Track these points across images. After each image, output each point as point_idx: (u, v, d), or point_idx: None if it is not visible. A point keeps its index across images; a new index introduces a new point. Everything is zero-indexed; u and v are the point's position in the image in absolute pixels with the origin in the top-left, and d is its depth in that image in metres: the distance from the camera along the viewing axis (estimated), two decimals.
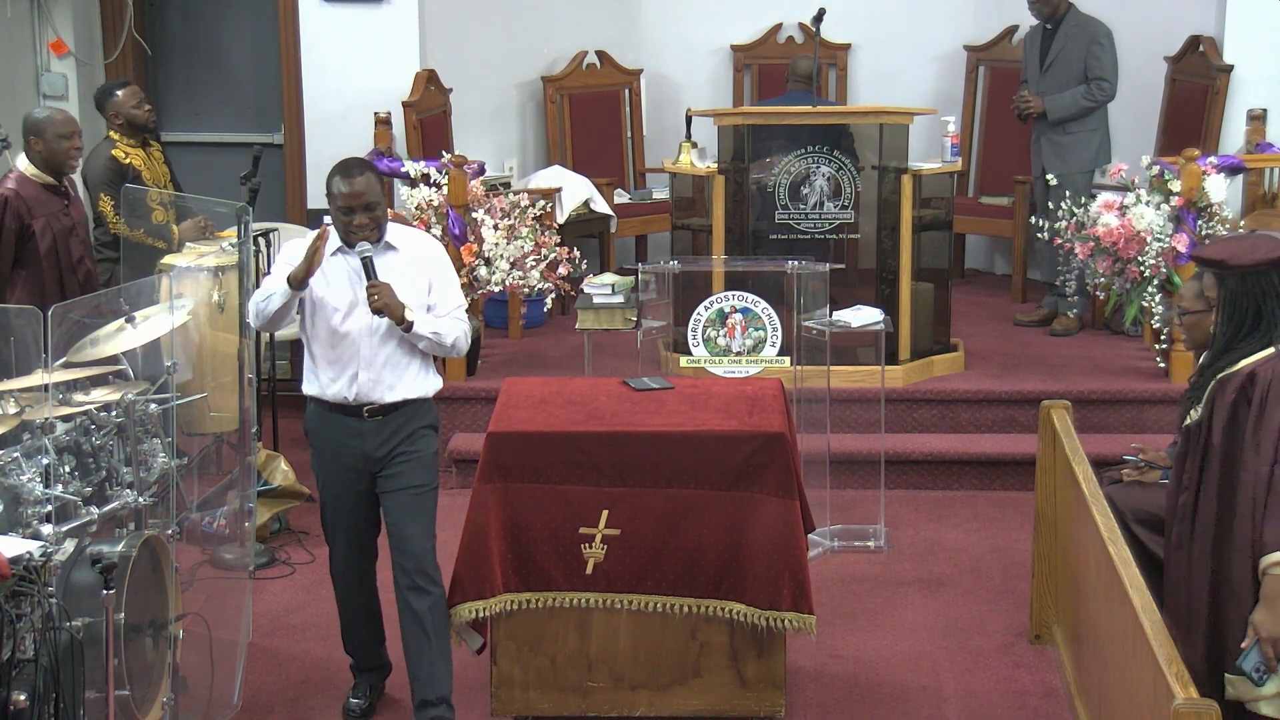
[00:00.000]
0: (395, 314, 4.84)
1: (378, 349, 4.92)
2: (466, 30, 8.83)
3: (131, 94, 7.05)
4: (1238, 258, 4.42)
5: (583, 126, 9.36)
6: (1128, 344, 7.94)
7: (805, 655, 5.59)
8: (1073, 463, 5.20)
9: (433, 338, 4.92)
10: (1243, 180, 7.76)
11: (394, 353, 4.93)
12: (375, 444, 4.97)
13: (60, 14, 8.48)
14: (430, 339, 4.92)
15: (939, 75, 9.57)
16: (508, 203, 7.67)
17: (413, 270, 4.95)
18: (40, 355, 4.79)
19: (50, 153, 6.37)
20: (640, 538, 5.01)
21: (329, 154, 8.31)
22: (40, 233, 6.32)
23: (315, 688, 5.48)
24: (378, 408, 4.95)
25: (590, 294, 6.79)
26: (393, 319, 4.85)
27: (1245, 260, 4.41)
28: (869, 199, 7.38)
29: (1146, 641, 3.99)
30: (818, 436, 6.54)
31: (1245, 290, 4.41)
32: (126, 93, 7.05)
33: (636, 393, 5.34)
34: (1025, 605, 5.82)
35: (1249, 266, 4.40)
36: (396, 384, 4.95)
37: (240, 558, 5.90)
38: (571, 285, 7.55)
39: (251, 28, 8.94)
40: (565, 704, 5.12)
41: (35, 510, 4.55)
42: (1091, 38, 8.00)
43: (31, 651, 4.28)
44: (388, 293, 4.83)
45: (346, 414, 4.97)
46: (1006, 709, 5.31)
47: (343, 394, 4.94)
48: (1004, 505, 7.01)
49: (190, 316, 5.69)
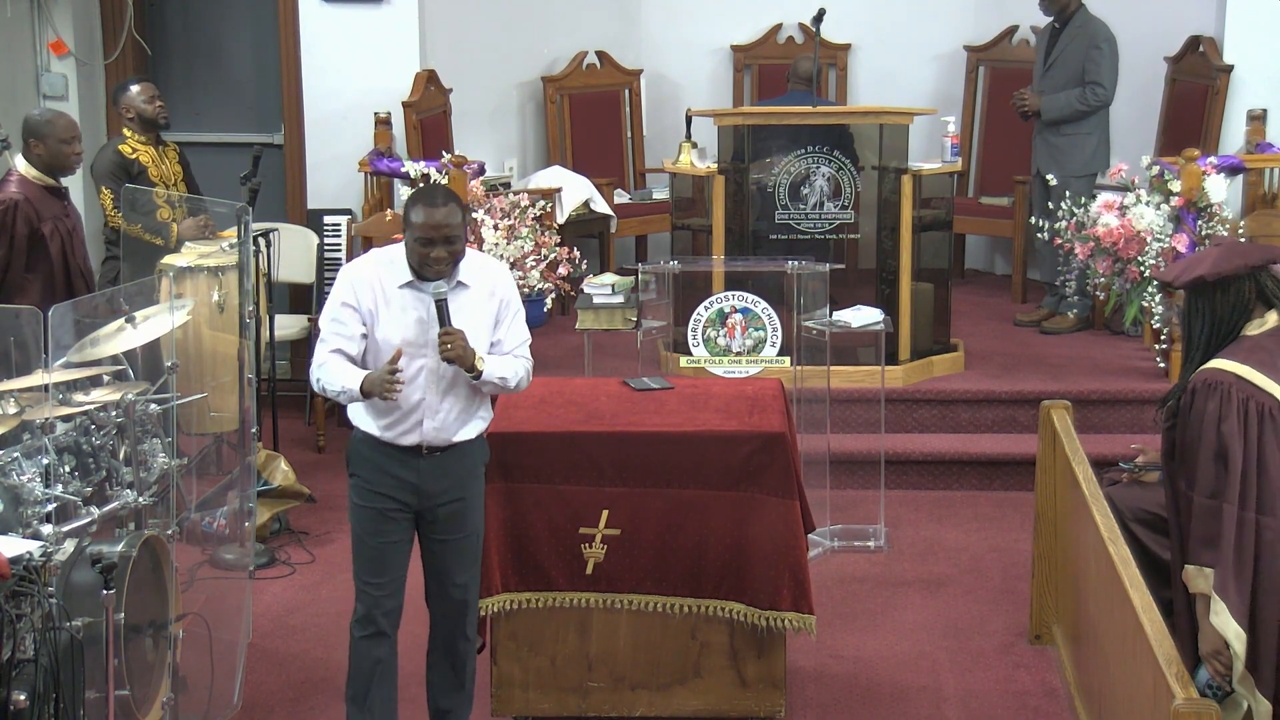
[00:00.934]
0: (467, 364, 4.50)
1: (445, 395, 4.59)
2: (466, 30, 8.83)
3: (144, 89, 7.09)
4: (1179, 277, 4.56)
5: (583, 126, 9.36)
6: (1128, 344, 7.94)
7: (805, 655, 5.59)
8: (1073, 463, 5.20)
9: (499, 383, 4.60)
10: (1243, 180, 7.76)
11: (460, 397, 4.61)
12: (429, 482, 4.62)
13: (60, 14, 8.48)
14: (495, 384, 4.60)
15: (939, 75, 9.57)
16: (508, 203, 7.67)
17: (484, 307, 4.61)
18: (40, 355, 4.79)
19: (52, 156, 6.37)
20: (640, 538, 5.01)
21: (329, 154, 8.39)
22: (49, 236, 6.33)
23: (315, 688, 5.48)
24: (434, 447, 4.63)
25: (590, 294, 6.79)
26: (463, 368, 4.51)
27: (1178, 282, 4.54)
28: (869, 199, 7.38)
29: (1146, 641, 3.99)
30: (818, 436, 6.54)
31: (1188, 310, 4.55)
32: (140, 88, 7.09)
33: (636, 393, 5.34)
34: (1025, 605, 5.83)
35: (1187, 285, 4.51)
36: (462, 428, 4.64)
37: (240, 558, 5.91)
38: (571, 285, 7.55)
39: (251, 28, 8.94)
40: (565, 704, 5.12)
41: (35, 510, 4.55)
42: (1091, 41, 7.98)
43: (31, 651, 4.28)
44: (462, 341, 4.47)
45: (403, 449, 4.62)
46: (1006, 709, 5.31)
47: (405, 441, 4.60)
48: (1004, 505, 7.01)
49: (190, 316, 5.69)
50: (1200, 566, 4.28)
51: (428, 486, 4.63)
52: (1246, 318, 4.45)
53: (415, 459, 4.61)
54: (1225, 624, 4.22)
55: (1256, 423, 4.26)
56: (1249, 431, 4.26)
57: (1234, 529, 4.22)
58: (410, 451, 4.60)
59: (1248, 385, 4.30)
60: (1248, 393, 4.28)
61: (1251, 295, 4.46)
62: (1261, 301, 4.47)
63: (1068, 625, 5.45)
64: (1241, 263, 4.45)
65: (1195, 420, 4.32)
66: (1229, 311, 4.46)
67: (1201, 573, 4.28)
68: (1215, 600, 4.23)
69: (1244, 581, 4.23)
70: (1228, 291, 4.45)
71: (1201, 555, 4.28)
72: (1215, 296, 4.46)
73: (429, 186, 4.63)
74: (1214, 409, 4.28)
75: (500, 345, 4.63)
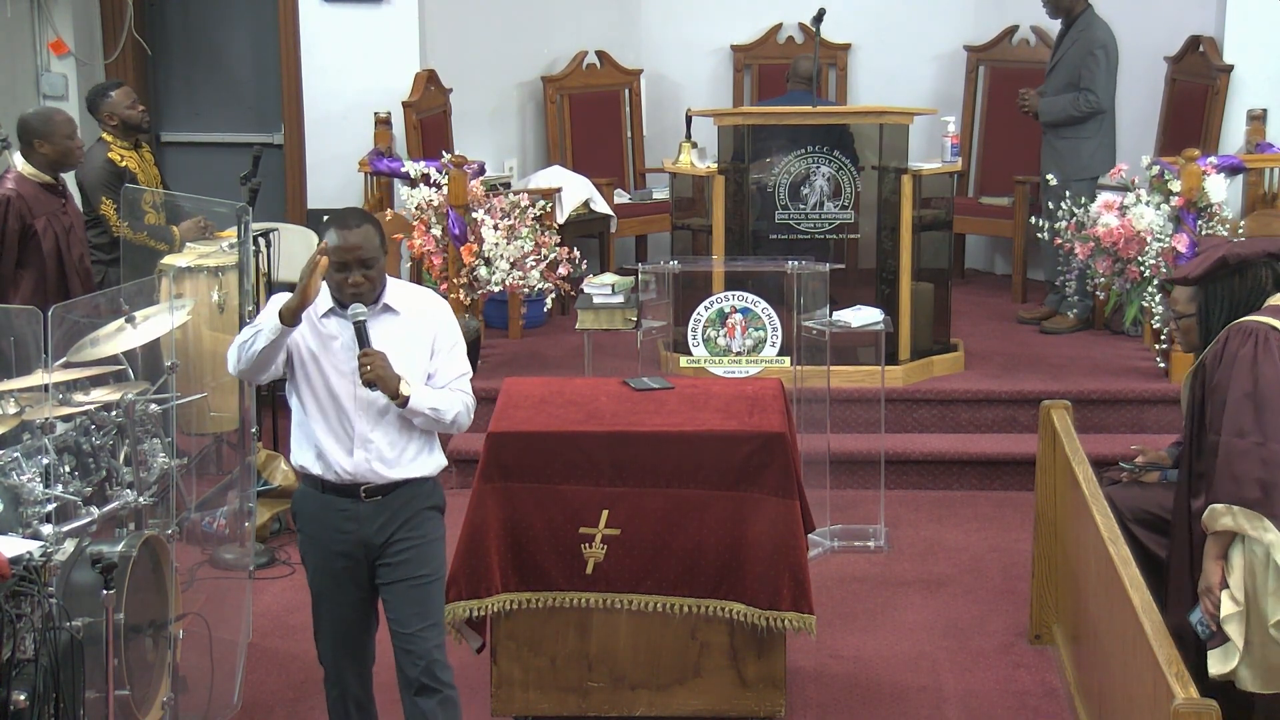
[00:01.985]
0: (390, 388, 4.29)
1: (375, 423, 4.38)
2: (466, 30, 8.83)
3: (125, 94, 7.04)
4: (1196, 268, 4.60)
5: (583, 126, 9.36)
6: (1128, 344, 7.94)
7: (805, 655, 5.59)
8: (1073, 463, 5.20)
9: (430, 414, 4.36)
10: (1243, 180, 7.76)
11: (393, 427, 4.39)
12: (373, 529, 4.41)
13: (60, 14, 8.48)
14: (427, 415, 4.36)
15: (939, 75, 9.57)
16: (508, 203, 7.67)
17: (414, 335, 4.40)
18: (40, 355, 4.79)
19: (60, 154, 6.35)
20: (640, 538, 5.00)
21: (329, 154, 8.40)
22: (42, 232, 6.32)
23: (315, 688, 5.46)
24: (375, 487, 4.40)
25: (590, 294, 6.79)
26: (386, 393, 4.30)
27: (1197, 272, 4.58)
28: (869, 199, 7.38)
29: (1146, 641, 3.99)
30: (818, 436, 6.54)
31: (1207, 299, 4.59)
32: (120, 93, 7.03)
33: (636, 393, 5.34)
34: (1025, 605, 5.83)
35: (1201, 277, 4.56)
36: (397, 461, 4.41)
37: (240, 558, 5.91)
38: (571, 285, 7.55)
39: (251, 28, 8.94)
40: (565, 704, 5.12)
41: (35, 510, 4.55)
42: (1088, 46, 7.95)
43: (31, 651, 4.28)
44: (381, 364, 4.27)
45: (341, 494, 4.41)
46: (1006, 709, 5.31)
47: (337, 471, 4.39)
48: (1004, 505, 7.01)
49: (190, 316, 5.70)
50: (1230, 505, 4.27)
51: (369, 533, 4.41)
52: (1263, 301, 4.48)
53: (355, 504, 4.41)
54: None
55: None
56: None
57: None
58: (348, 495, 4.40)
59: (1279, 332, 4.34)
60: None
61: (1268, 280, 4.50)
62: (1277, 286, 4.49)
63: (1068, 625, 5.45)
64: (1261, 249, 4.49)
65: (1227, 363, 4.34)
66: (1247, 295, 4.50)
67: (1230, 511, 4.27)
68: None
69: None
70: (1245, 276, 4.50)
71: (1233, 493, 4.26)
72: (1234, 282, 4.50)
73: (344, 209, 4.45)
74: (1249, 352, 4.32)
75: (435, 378, 4.42)
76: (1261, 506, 4.24)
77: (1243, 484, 4.25)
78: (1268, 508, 4.25)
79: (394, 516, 4.42)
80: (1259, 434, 4.26)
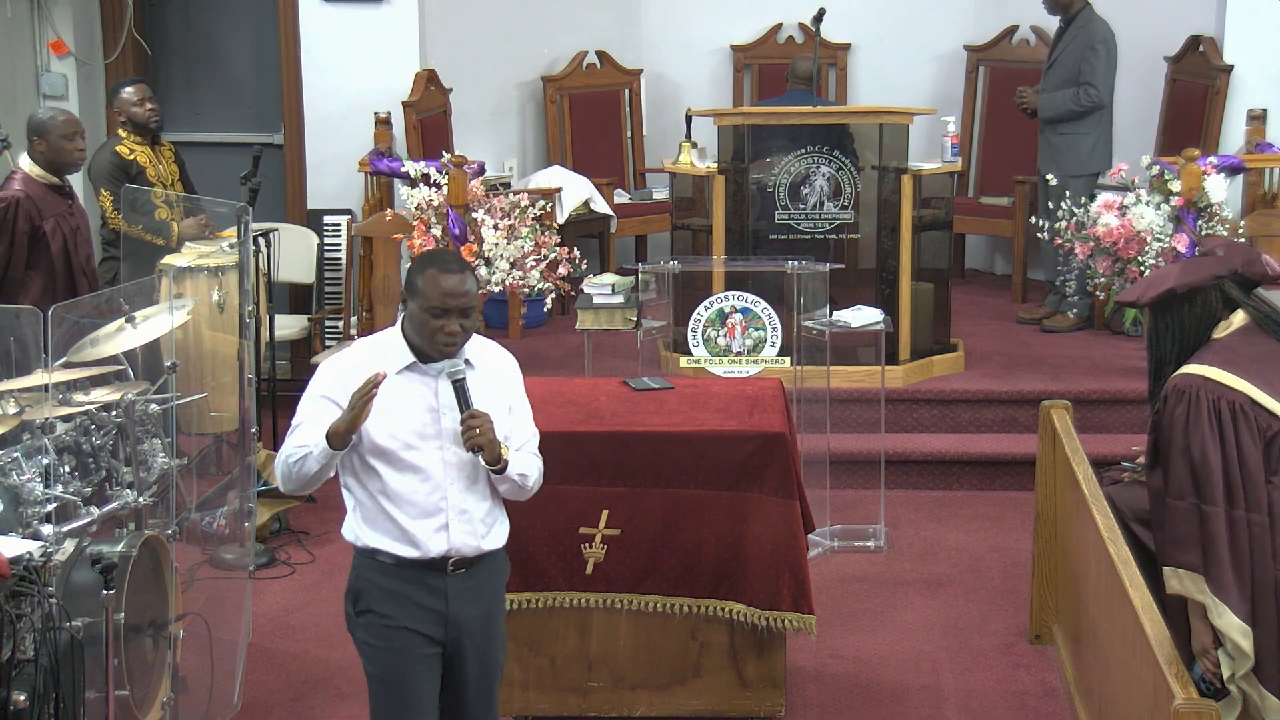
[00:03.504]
0: (494, 452, 3.86)
1: (467, 490, 3.93)
2: (466, 30, 8.83)
3: (136, 92, 7.09)
4: (1144, 295, 4.56)
5: (583, 126, 9.36)
6: (1128, 344, 7.93)
7: (805, 655, 5.59)
8: (1073, 463, 5.20)
9: (518, 480, 3.96)
10: (1243, 180, 7.75)
11: (483, 494, 3.97)
12: (460, 606, 3.95)
13: (60, 14, 8.48)
14: (515, 481, 3.96)
15: (939, 75, 9.57)
16: (508, 203, 7.66)
17: (492, 393, 3.96)
18: (40, 355, 4.79)
19: (54, 153, 6.38)
20: (640, 538, 5.01)
21: (329, 154, 8.39)
22: (51, 234, 6.33)
23: (315, 688, 5.48)
24: (463, 559, 3.95)
25: (590, 294, 6.79)
26: (488, 459, 3.86)
27: (1146, 299, 4.54)
28: (869, 199, 7.39)
29: (1146, 641, 3.99)
30: (818, 436, 6.54)
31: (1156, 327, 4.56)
32: (131, 90, 7.09)
33: (636, 393, 5.34)
34: (1025, 605, 5.83)
35: (1149, 304, 4.53)
36: (488, 532, 4.00)
37: (240, 558, 5.91)
38: (571, 285, 7.55)
39: (251, 28, 8.94)
40: (565, 704, 5.12)
41: (35, 510, 4.55)
42: (1088, 42, 7.98)
43: (31, 651, 4.28)
44: (489, 426, 3.83)
45: (425, 569, 3.92)
46: (1006, 709, 5.31)
47: (424, 548, 3.90)
48: (1004, 505, 7.01)
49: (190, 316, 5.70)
50: (1175, 568, 4.29)
51: (458, 613, 3.96)
52: (1214, 326, 4.46)
53: (440, 578, 3.93)
54: (1229, 624, 4.22)
55: (1230, 421, 4.26)
56: (1224, 431, 4.26)
57: (1226, 529, 4.22)
58: (434, 570, 3.93)
59: (1216, 386, 4.29)
60: (1217, 393, 4.28)
61: (1218, 304, 4.47)
62: (1227, 307, 4.47)
63: (1068, 625, 5.45)
64: (1209, 273, 4.46)
65: (1167, 424, 4.33)
66: (1195, 322, 4.46)
67: (1176, 574, 4.28)
68: (1216, 602, 4.23)
69: (1244, 579, 4.23)
70: (1194, 304, 4.46)
71: (1175, 557, 4.28)
72: (1183, 310, 4.47)
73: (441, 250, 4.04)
74: (1182, 413, 4.29)
75: (509, 440, 3.98)
76: (1201, 569, 4.24)
77: (1183, 547, 4.26)
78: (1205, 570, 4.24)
79: (480, 595, 4.01)
80: (1195, 495, 4.26)
